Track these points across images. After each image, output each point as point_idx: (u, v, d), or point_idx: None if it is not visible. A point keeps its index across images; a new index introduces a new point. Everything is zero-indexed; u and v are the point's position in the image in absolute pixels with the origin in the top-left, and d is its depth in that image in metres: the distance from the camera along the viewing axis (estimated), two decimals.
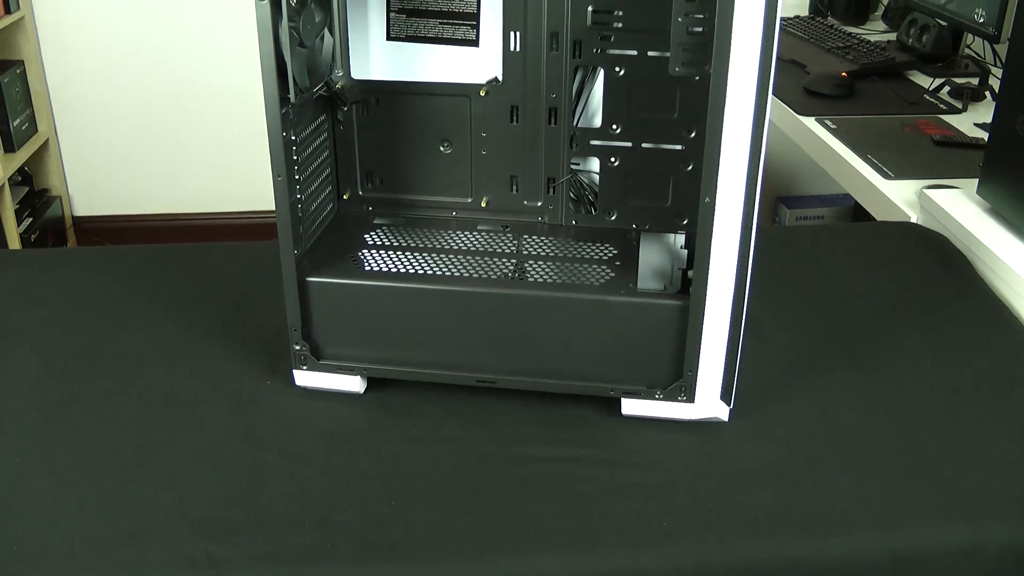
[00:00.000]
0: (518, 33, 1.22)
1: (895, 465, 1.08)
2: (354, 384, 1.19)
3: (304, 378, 1.20)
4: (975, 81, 2.21)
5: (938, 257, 1.50)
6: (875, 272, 1.49)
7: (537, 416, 1.16)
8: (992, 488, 1.05)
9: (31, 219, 3.01)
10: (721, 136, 1.00)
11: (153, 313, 1.37)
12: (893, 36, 2.62)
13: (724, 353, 1.10)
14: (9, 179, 2.84)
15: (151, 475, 1.07)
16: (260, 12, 1.04)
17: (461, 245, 1.25)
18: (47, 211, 3.10)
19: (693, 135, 1.20)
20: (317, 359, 1.18)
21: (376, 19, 1.26)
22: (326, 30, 1.19)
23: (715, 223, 1.04)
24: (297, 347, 1.18)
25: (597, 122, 1.24)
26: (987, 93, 2.16)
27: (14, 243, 2.81)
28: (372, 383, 1.20)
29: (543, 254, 1.23)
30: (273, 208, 1.12)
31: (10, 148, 2.89)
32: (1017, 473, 1.07)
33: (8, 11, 2.86)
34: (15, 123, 2.91)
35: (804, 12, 2.97)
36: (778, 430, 1.15)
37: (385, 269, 1.19)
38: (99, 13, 3.03)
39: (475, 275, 1.17)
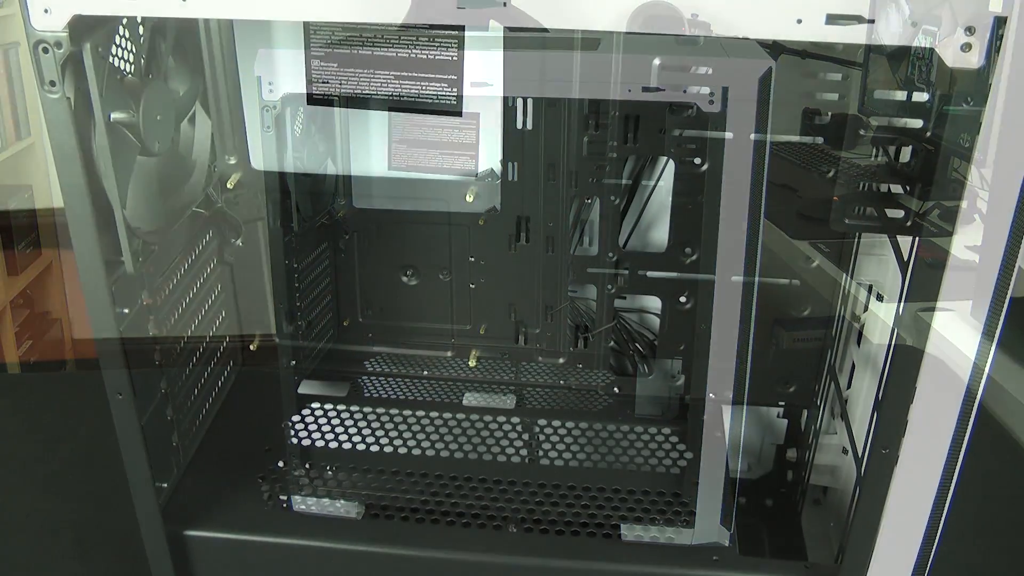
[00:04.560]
0: (516, 164, 1.25)
1: None
2: (351, 511, 1.18)
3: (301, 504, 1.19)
4: (963, 204, 2.24)
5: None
6: None
7: (537, 541, 1.15)
8: None
9: (31, 341, 3.02)
10: (715, 263, 1.02)
11: None
12: (882, 160, 2.67)
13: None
14: (11, 302, 2.86)
15: None
16: (265, 143, 1.07)
17: (459, 374, 1.25)
18: (47, 333, 3.11)
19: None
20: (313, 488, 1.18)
21: (378, 150, 1.29)
22: (329, 160, 1.22)
23: (712, 347, 1.05)
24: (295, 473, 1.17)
25: (594, 250, 1.27)
26: (976, 216, 2.20)
27: (13, 366, 2.82)
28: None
29: (541, 381, 1.23)
30: (273, 332, 1.14)
31: (14, 271, 2.92)
32: None
33: (19, 137, 2.93)
34: (19, 246, 2.94)
35: (794, 137, 3.04)
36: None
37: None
38: None
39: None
